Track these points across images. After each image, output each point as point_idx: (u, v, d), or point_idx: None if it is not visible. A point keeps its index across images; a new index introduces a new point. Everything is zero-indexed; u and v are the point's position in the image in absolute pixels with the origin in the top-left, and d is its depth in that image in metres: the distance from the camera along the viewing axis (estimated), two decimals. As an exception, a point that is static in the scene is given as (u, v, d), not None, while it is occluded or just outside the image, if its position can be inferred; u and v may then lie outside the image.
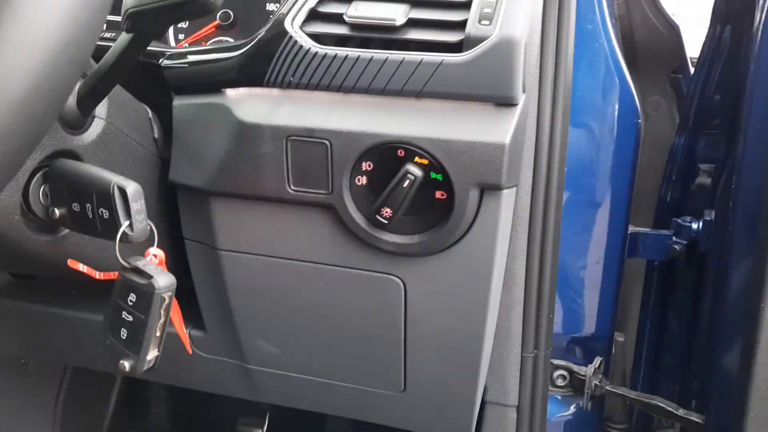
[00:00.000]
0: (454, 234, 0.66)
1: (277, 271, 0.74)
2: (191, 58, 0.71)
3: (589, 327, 1.02)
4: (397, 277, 0.71)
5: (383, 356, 0.79)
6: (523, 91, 0.63)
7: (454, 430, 0.86)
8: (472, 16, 0.61)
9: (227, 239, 0.73)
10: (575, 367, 1.00)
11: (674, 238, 1.00)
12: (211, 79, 0.69)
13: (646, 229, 1.04)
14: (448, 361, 0.78)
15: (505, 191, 0.64)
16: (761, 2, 0.82)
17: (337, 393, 0.85)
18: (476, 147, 0.61)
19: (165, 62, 0.71)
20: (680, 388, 1.13)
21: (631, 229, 1.01)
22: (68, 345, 0.94)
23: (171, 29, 0.85)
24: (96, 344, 0.59)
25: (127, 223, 0.53)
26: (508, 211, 0.69)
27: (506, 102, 0.61)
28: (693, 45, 1.17)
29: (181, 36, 0.86)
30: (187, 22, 0.86)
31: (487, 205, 0.64)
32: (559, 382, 1.01)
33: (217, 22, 0.84)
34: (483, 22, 0.60)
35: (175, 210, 0.76)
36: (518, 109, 0.62)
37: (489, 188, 0.63)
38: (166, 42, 0.84)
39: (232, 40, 0.83)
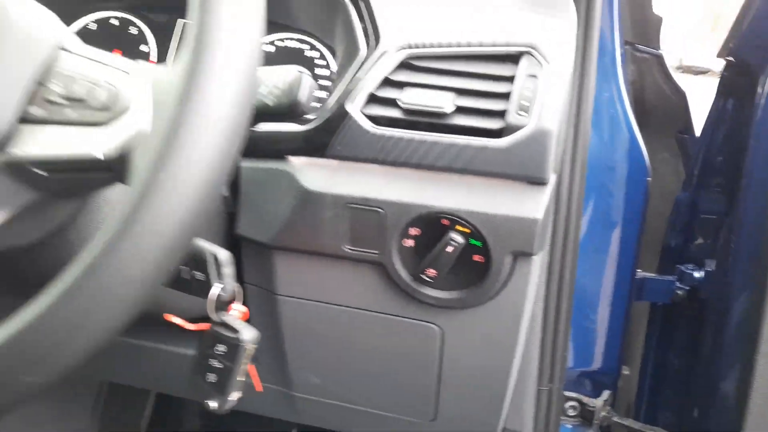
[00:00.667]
0: (490, 292, 0.75)
1: (329, 314, 0.83)
2: (261, 127, 0.80)
3: (598, 362, 1.12)
4: (436, 325, 0.81)
5: (418, 390, 0.88)
6: (553, 172, 0.72)
7: None
8: (511, 106, 0.71)
9: (286, 286, 0.83)
10: (585, 399, 1.10)
11: (677, 284, 1.10)
12: (277, 147, 0.78)
13: (652, 275, 1.14)
14: (477, 394, 0.87)
15: (535, 257, 0.74)
16: (762, 80, 0.92)
17: (372, 418, 0.94)
18: (512, 220, 0.71)
19: None
20: (679, 418, 1.23)
21: (639, 274, 1.11)
22: (154, 374, 1.04)
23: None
24: (180, 376, 0.68)
25: (220, 286, 0.63)
26: (537, 272, 0.78)
27: (538, 182, 0.71)
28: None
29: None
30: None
31: (520, 269, 0.74)
32: (570, 413, 1.11)
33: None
34: (521, 113, 0.70)
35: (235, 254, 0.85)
36: (549, 187, 0.72)
37: (522, 255, 0.73)
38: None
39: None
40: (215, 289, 0.63)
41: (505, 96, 0.72)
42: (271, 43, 0.98)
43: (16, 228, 0.54)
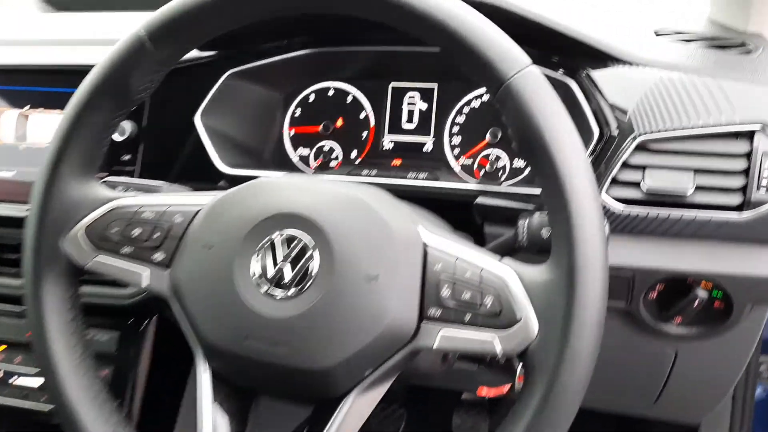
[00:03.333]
0: (727, 329, 0.89)
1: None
2: (498, 201, 0.92)
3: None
4: (673, 349, 0.96)
5: (648, 387, 1.05)
6: None
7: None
8: (751, 182, 0.79)
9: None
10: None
11: None
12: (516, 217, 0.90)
13: None
14: (695, 398, 1.03)
15: (770, 303, 0.86)
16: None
17: (603, 401, 1.12)
18: (755, 279, 0.82)
19: (480, 200, 0.93)
20: None
21: None
22: None
23: (447, 148, 1.07)
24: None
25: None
26: (768, 312, 0.91)
27: (778, 244, 0.82)
28: None
29: (456, 151, 1.07)
30: (460, 139, 1.07)
31: (756, 312, 0.87)
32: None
33: (489, 140, 1.05)
34: (761, 189, 0.79)
35: None
36: None
37: (760, 304, 0.85)
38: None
39: (503, 155, 1.05)
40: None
41: (743, 172, 0.81)
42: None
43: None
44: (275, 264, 0.63)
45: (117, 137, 1.02)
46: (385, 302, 0.61)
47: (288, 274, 0.62)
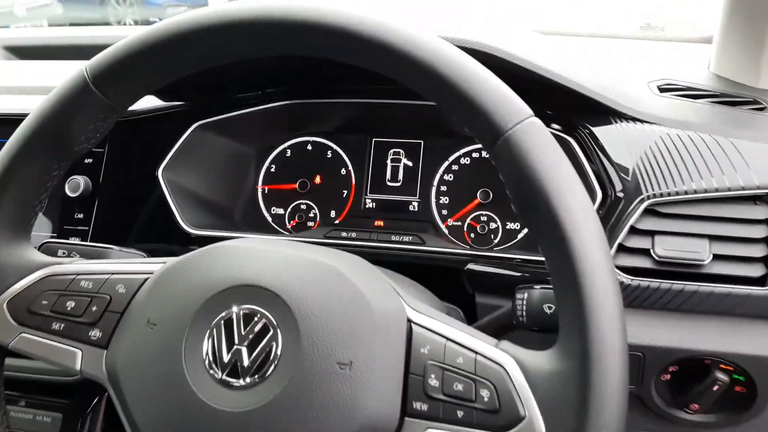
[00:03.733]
0: (750, 417, 0.78)
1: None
2: (491, 269, 0.84)
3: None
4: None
5: None
6: None
7: None
8: None
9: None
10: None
11: None
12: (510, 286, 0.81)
13: None
14: None
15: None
16: None
17: None
18: (781, 361, 0.73)
19: (471, 266, 0.85)
20: None
21: None
22: None
23: (434, 208, 0.99)
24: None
25: None
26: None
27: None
28: None
29: (444, 212, 0.99)
30: (448, 199, 0.99)
31: (783, 397, 0.77)
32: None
33: (479, 200, 0.97)
34: (785, 260, 0.71)
35: None
36: None
37: (788, 389, 0.75)
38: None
39: (495, 216, 0.96)
40: None
41: (764, 240, 0.73)
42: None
43: None
44: (231, 346, 0.53)
45: (70, 193, 0.92)
46: (361, 394, 0.51)
47: (246, 358, 0.53)
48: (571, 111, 0.85)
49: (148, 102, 0.95)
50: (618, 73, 0.95)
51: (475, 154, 0.99)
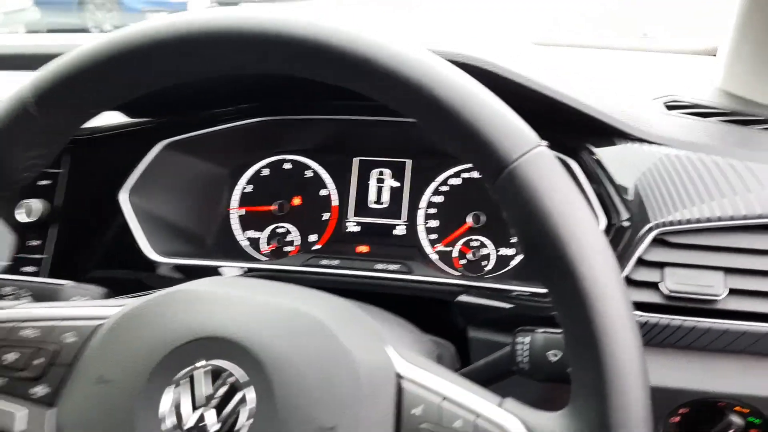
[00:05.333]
0: (767, 462, 0.73)
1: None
2: (485, 301, 0.78)
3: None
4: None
5: None
6: None
7: None
8: None
9: None
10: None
11: None
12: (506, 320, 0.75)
13: None
14: None
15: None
16: None
17: None
18: (800, 404, 0.67)
19: (462, 298, 0.78)
20: None
21: None
22: None
23: (422, 232, 0.92)
24: None
25: None
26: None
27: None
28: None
29: (433, 236, 0.92)
30: (437, 222, 0.92)
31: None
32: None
33: (470, 224, 0.90)
34: (807, 295, 0.65)
35: None
36: None
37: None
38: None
39: (488, 241, 0.90)
40: None
41: None
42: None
43: None
44: (194, 408, 0.47)
45: (23, 218, 0.84)
46: None
47: (212, 422, 0.46)
48: (572, 131, 0.78)
49: (110, 118, 0.88)
50: (620, 88, 0.89)
51: (465, 174, 0.93)
